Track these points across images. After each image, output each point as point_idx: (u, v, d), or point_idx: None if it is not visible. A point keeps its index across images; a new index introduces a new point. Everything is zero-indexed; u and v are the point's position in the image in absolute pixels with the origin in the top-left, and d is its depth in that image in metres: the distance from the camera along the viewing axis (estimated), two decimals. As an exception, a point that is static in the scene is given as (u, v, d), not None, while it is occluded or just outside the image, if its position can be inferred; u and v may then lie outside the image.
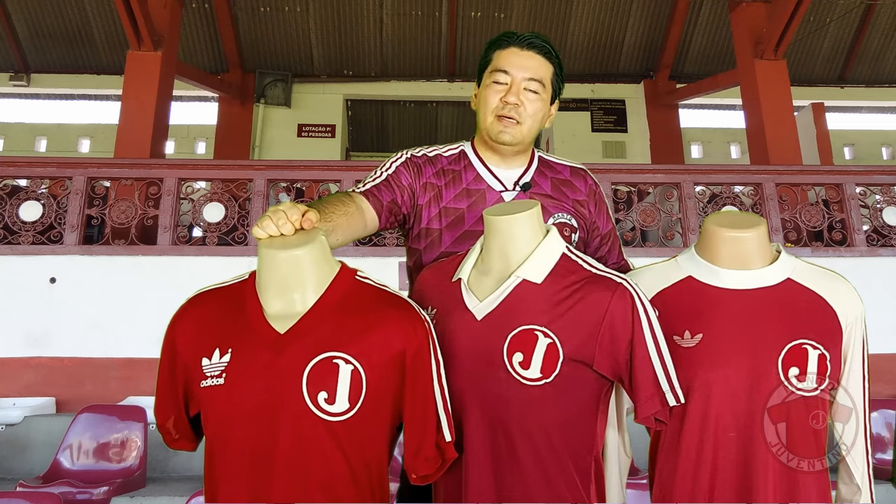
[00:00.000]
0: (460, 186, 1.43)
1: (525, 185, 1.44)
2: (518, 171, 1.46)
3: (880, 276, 4.77)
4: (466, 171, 1.45)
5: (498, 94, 1.39)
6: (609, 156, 8.86)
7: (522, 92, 1.38)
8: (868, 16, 8.69)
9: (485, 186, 1.43)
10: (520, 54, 1.39)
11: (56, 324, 4.48)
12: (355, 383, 0.99)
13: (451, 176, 1.44)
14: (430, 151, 1.49)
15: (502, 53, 1.40)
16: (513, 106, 1.38)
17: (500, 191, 1.43)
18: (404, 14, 8.42)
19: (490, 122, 1.41)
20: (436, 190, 1.43)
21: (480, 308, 1.12)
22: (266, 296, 1.06)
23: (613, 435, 1.24)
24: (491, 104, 1.40)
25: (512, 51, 1.39)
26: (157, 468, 3.80)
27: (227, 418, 1.01)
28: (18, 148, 9.14)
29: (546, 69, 1.41)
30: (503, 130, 1.39)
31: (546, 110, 1.44)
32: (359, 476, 1.01)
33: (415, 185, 1.42)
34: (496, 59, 1.41)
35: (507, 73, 1.38)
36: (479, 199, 1.42)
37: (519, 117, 1.39)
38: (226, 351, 1.02)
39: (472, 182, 1.44)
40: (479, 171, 1.45)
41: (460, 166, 1.46)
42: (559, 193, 1.46)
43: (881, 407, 3.74)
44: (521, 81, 1.38)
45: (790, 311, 1.14)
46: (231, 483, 1.00)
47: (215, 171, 5.10)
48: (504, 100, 1.38)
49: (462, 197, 1.42)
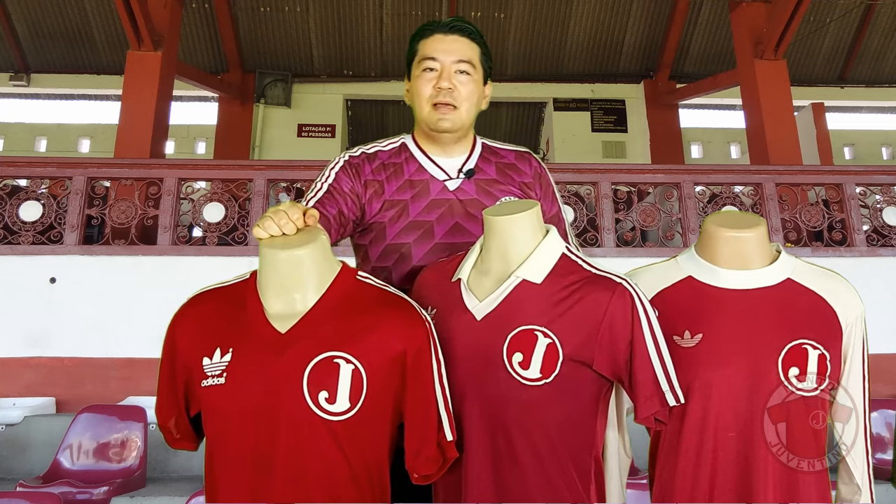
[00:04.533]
0: (402, 178, 1.41)
1: (469, 171, 1.42)
2: (461, 159, 1.45)
3: (880, 276, 4.77)
4: (408, 163, 1.44)
5: (430, 82, 1.38)
6: (609, 156, 8.86)
7: (454, 76, 1.38)
8: (868, 16, 8.69)
9: (427, 177, 1.41)
10: (444, 39, 1.39)
11: (56, 324, 4.48)
12: (356, 383, 0.99)
13: (392, 169, 1.43)
14: (368, 148, 1.47)
15: (427, 42, 1.40)
16: (447, 91, 1.37)
17: (444, 180, 1.41)
18: (404, 14, 8.42)
19: (427, 112, 1.39)
20: (377, 185, 1.40)
21: (480, 308, 1.12)
22: (267, 295, 1.06)
23: (613, 435, 1.24)
24: (425, 93, 1.39)
25: (436, 38, 1.39)
26: (157, 468, 3.79)
27: (227, 418, 1.00)
28: (18, 148, 9.14)
29: (473, 50, 1.40)
30: (442, 118, 1.38)
31: (480, 91, 1.44)
32: (359, 476, 1.01)
33: (356, 187, 1.39)
34: (422, 49, 1.40)
35: (436, 59, 1.38)
36: (422, 189, 1.40)
37: (455, 101, 1.38)
38: (227, 350, 1.02)
39: (415, 173, 1.42)
40: (421, 162, 1.43)
41: (401, 159, 1.44)
42: (505, 177, 1.45)
43: (881, 407, 3.74)
44: (451, 65, 1.37)
45: (790, 311, 1.14)
46: (231, 483, 1.00)
47: (215, 171, 5.10)
48: (437, 86, 1.37)
49: (405, 188, 1.40)
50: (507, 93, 9.19)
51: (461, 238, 1.37)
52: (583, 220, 4.92)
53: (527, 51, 8.88)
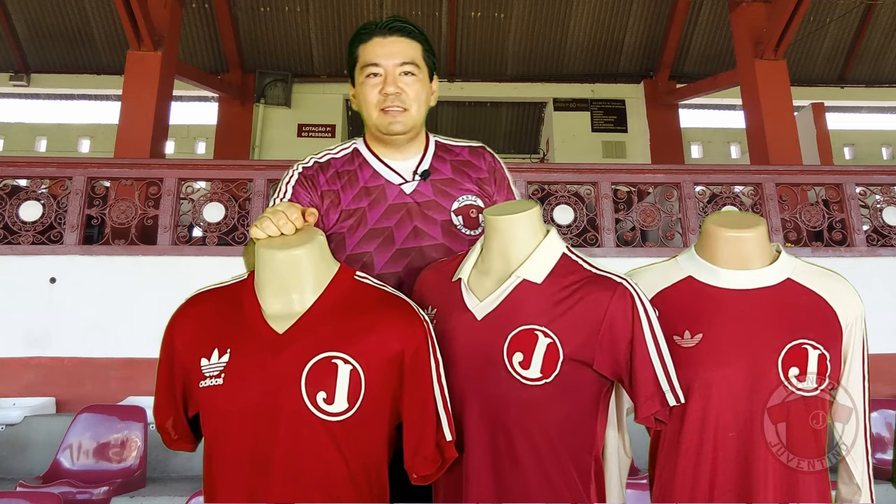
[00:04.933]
0: (358, 186, 1.39)
1: (424, 172, 1.41)
2: (415, 161, 1.43)
3: (880, 276, 4.77)
4: (362, 169, 1.41)
5: (375, 87, 1.36)
6: (609, 156, 8.86)
7: (399, 78, 1.35)
8: (868, 16, 8.69)
9: (383, 182, 1.39)
10: (384, 42, 1.36)
11: (56, 324, 4.48)
12: (354, 383, 0.99)
13: (346, 177, 1.40)
14: (320, 157, 1.45)
15: (367, 47, 1.37)
16: (394, 96, 1.35)
17: (400, 183, 1.39)
18: (404, 14, 8.41)
19: (377, 118, 1.37)
20: (333, 195, 1.38)
21: (480, 308, 1.12)
22: (265, 296, 1.05)
23: (613, 435, 1.24)
24: (372, 99, 1.37)
25: (375, 41, 1.36)
26: (157, 468, 3.79)
27: (225, 418, 1.00)
28: (18, 148, 9.14)
29: (415, 49, 1.38)
30: (393, 122, 1.36)
31: (427, 90, 1.42)
32: (357, 477, 1.01)
33: (314, 199, 1.38)
34: (363, 54, 1.38)
35: (378, 64, 1.35)
36: (378, 195, 1.38)
37: (404, 104, 1.36)
38: (224, 351, 1.02)
39: (370, 179, 1.40)
40: (375, 167, 1.41)
41: (355, 165, 1.42)
42: (461, 175, 1.44)
43: (881, 407, 3.74)
44: (395, 68, 1.35)
45: (790, 311, 1.14)
46: (229, 484, 1.00)
47: (215, 171, 5.10)
48: (384, 92, 1.35)
49: (361, 196, 1.38)
50: (507, 93, 9.20)
51: (421, 242, 1.36)
52: (583, 220, 4.93)
53: (527, 51, 8.88)
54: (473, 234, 1.39)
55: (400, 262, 1.33)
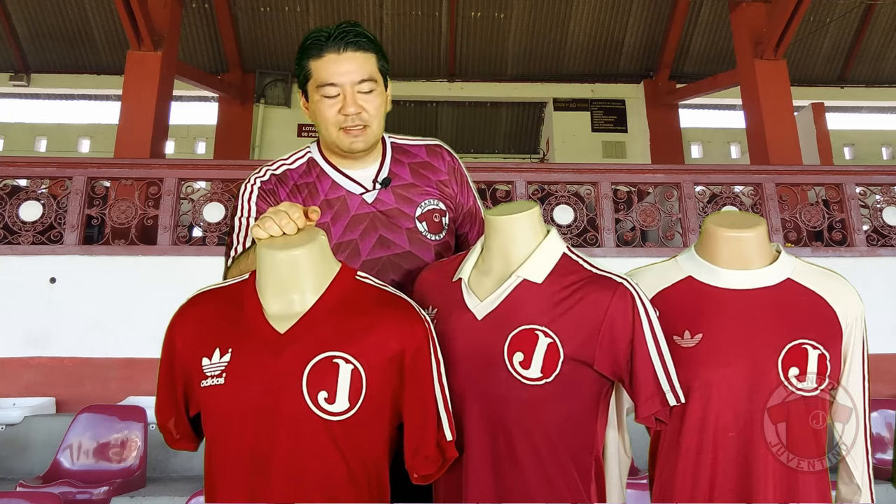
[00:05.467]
0: (319, 199, 1.34)
1: (385, 180, 1.37)
2: (373, 168, 1.39)
3: (880, 276, 4.77)
4: (321, 181, 1.36)
5: (333, 107, 1.30)
6: (609, 156, 8.86)
7: (358, 97, 1.29)
8: (868, 16, 8.69)
9: (343, 193, 1.35)
10: (339, 60, 1.28)
11: (56, 324, 4.48)
12: (355, 383, 0.99)
13: (306, 191, 1.35)
14: (276, 169, 1.38)
15: (320, 64, 1.29)
16: (354, 115, 1.29)
17: (361, 193, 1.36)
18: (404, 14, 8.42)
19: (336, 136, 1.32)
20: None
21: (481, 308, 1.12)
22: (266, 296, 1.05)
23: (613, 435, 1.24)
24: (330, 118, 1.31)
25: (329, 58, 1.28)
26: (157, 468, 3.79)
27: (226, 418, 1.00)
28: (18, 148, 9.14)
29: (370, 63, 1.31)
30: (354, 141, 1.32)
31: (384, 100, 1.36)
32: (357, 477, 1.01)
33: None
34: (316, 72, 1.29)
35: (335, 84, 1.28)
36: (340, 207, 1.34)
37: (364, 122, 1.31)
38: (226, 351, 1.02)
39: (330, 191, 1.35)
40: (334, 178, 1.37)
41: (313, 177, 1.37)
42: (420, 178, 1.41)
43: (881, 407, 3.74)
44: (353, 87, 1.28)
45: (790, 311, 1.14)
46: (230, 483, 1.00)
47: (215, 171, 5.09)
48: (343, 112, 1.29)
49: (323, 210, 1.32)
50: (507, 93, 9.20)
51: (387, 251, 1.34)
52: (583, 220, 4.93)
53: (527, 51, 8.88)
54: (438, 240, 1.38)
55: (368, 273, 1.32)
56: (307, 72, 1.32)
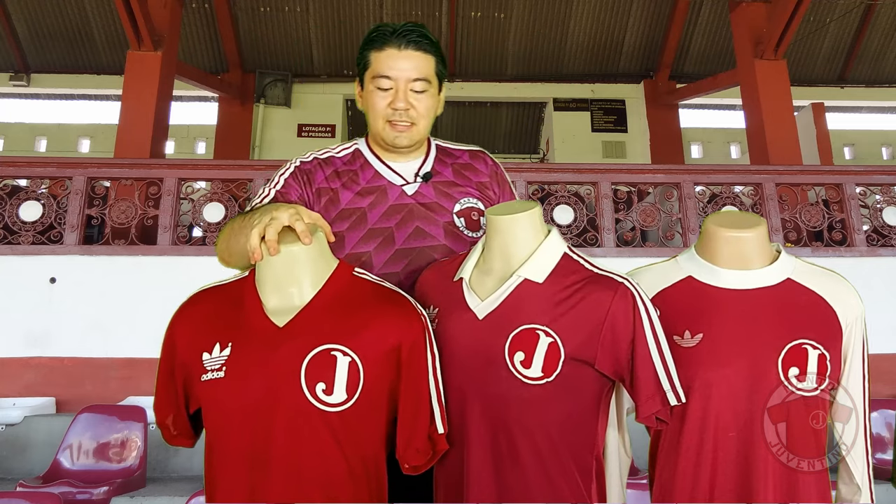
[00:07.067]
0: (358, 186, 1.38)
1: (426, 175, 1.40)
2: (417, 163, 1.43)
3: (880, 276, 4.77)
4: (364, 170, 1.41)
5: (384, 99, 1.34)
6: (609, 156, 8.86)
7: (410, 94, 1.34)
8: (868, 16, 8.69)
9: (385, 182, 1.39)
10: (398, 56, 1.33)
11: (56, 324, 4.48)
12: (353, 374, 1.00)
13: (347, 177, 1.40)
14: (321, 154, 1.44)
15: (380, 56, 1.34)
16: (403, 111, 1.34)
17: (401, 185, 1.39)
18: (404, 14, 8.42)
19: (382, 128, 1.37)
20: (331, 193, 1.37)
21: (482, 307, 1.12)
22: (265, 291, 1.07)
23: (614, 435, 1.24)
24: (380, 110, 1.35)
25: (389, 52, 1.33)
26: (157, 468, 3.79)
27: (227, 411, 1.02)
28: (18, 148, 9.14)
29: (428, 64, 1.36)
30: (398, 136, 1.36)
31: (436, 102, 1.41)
32: (356, 471, 1.02)
33: (306, 195, 1.37)
34: (375, 63, 1.34)
35: (390, 77, 1.33)
36: (379, 195, 1.38)
37: (412, 119, 1.35)
38: (226, 345, 1.04)
39: (371, 180, 1.39)
40: (377, 168, 1.41)
41: (356, 166, 1.42)
42: (462, 178, 1.44)
43: (881, 407, 3.74)
44: (406, 84, 1.33)
45: (790, 311, 1.14)
46: (230, 477, 1.01)
47: (215, 171, 5.10)
48: (393, 106, 1.34)
49: (362, 196, 1.37)
50: (507, 93, 9.20)
51: (423, 242, 1.35)
52: (583, 220, 4.93)
53: (527, 51, 8.88)
54: (475, 236, 1.39)
55: (399, 262, 1.33)
56: (367, 61, 1.36)
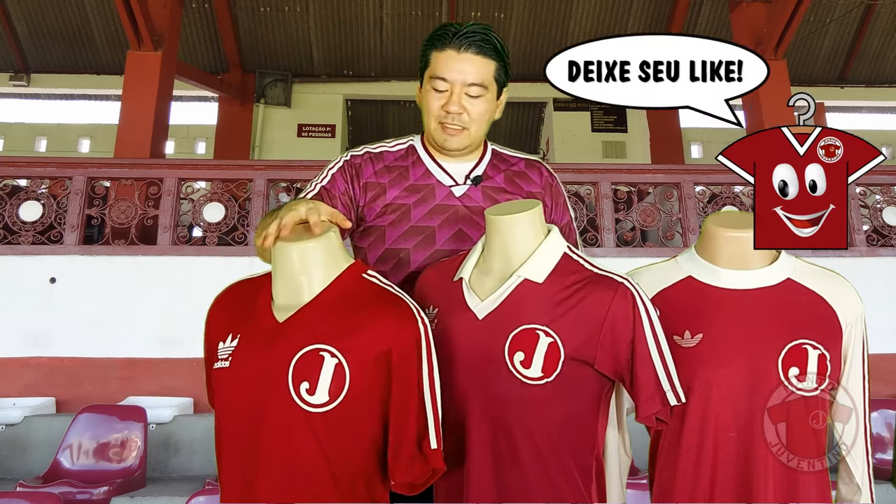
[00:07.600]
0: (407, 182, 1.38)
1: (476, 178, 1.39)
2: (469, 165, 1.41)
3: (880, 276, 4.77)
4: (415, 167, 1.40)
5: (438, 100, 1.33)
6: (609, 156, 8.86)
7: (464, 98, 1.32)
8: (868, 16, 8.69)
9: (434, 181, 1.38)
10: (457, 58, 1.30)
11: (56, 324, 4.48)
12: (338, 377, 1.00)
13: (397, 172, 1.39)
14: (374, 148, 1.44)
15: (440, 57, 1.32)
16: (455, 115, 1.32)
17: (450, 185, 1.38)
18: (404, 14, 8.42)
19: (434, 129, 1.36)
20: (379, 188, 1.37)
21: (482, 307, 1.12)
22: (276, 286, 1.09)
23: (614, 435, 1.24)
24: (433, 110, 1.35)
25: (449, 54, 1.31)
26: (157, 468, 3.80)
27: (228, 401, 1.05)
28: (18, 148, 9.13)
29: (487, 69, 1.32)
30: (448, 139, 1.35)
31: (493, 107, 1.39)
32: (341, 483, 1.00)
33: (352, 189, 1.37)
34: (434, 63, 1.33)
35: (446, 80, 1.31)
36: (427, 194, 1.37)
37: (463, 124, 1.34)
38: (236, 336, 1.07)
39: (421, 178, 1.39)
40: (428, 167, 1.40)
41: (408, 162, 1.41)
42: (513, 186, 1.42)
43: (881, 407, 3.74)
44: (461, 87, 1.31)
45: (790, 311, 1.14)
46: (228, 467, 1.03)
47: (215, 171, 5.10)
48: (445, 108, 1.32)
49: (408, 193, 1.37)
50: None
51: (463, 245, 1.34)
52: (583, 220, 4.93)
53: (527, 51, 8.88)
54: None
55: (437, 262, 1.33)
56: (427, 60, 1.36)
